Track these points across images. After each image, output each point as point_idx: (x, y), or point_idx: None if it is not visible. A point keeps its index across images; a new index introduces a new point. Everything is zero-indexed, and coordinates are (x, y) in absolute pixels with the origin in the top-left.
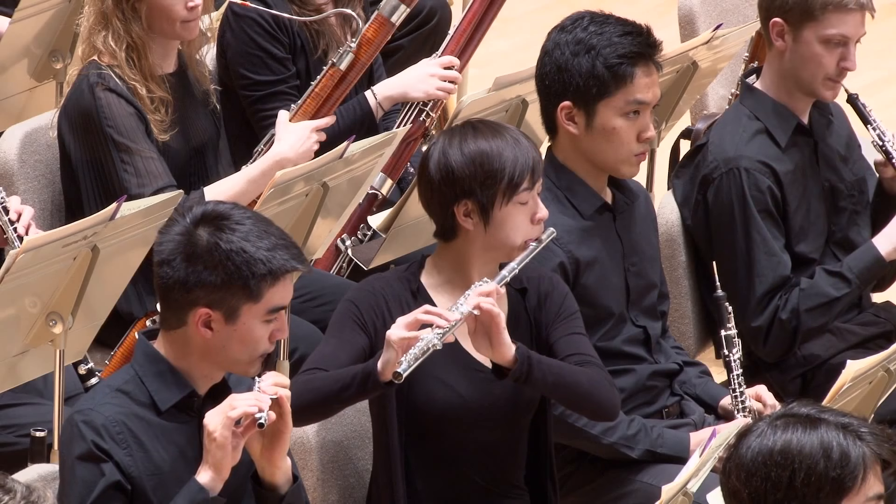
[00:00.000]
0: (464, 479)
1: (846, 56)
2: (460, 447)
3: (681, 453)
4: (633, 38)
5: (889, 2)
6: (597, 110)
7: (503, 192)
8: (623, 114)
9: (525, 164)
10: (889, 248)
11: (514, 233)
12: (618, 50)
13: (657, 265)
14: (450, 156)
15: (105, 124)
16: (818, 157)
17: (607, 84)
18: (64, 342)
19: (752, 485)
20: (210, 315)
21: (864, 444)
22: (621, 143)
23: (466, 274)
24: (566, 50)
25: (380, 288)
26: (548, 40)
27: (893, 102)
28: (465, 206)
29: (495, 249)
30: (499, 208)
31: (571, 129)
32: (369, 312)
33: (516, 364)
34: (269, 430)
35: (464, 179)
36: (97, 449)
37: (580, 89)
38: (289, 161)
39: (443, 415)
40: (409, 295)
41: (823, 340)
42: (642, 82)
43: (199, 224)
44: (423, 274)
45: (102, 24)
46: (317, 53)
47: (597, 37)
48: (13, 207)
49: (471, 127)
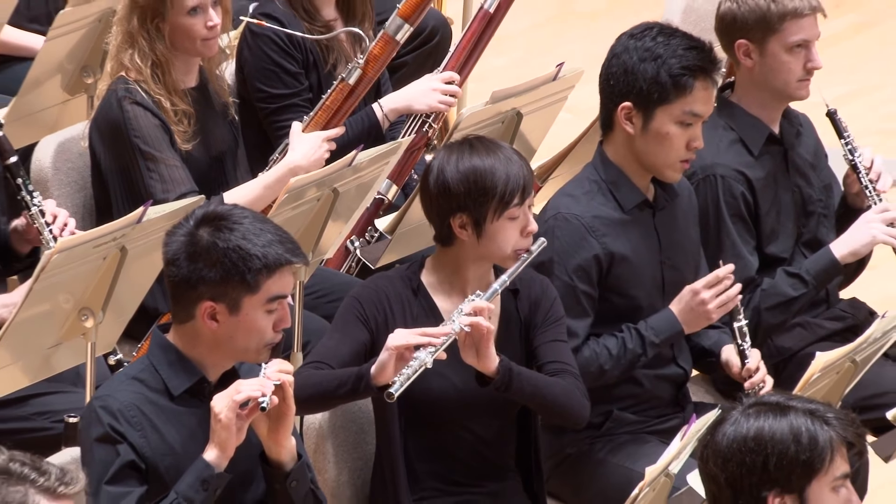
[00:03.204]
0: (459, 462)
1: (810, 57)
2: (456, 434)
3: (674, 327)
4: (697, 53)
5: (855, 21)
6: (654, 114)
7: (495, 208)
8: (678, 121)
9: (516, 183)
10: (844, 253)
11: (505, 244)
12: (682, 61)
13: (695, 260)
14: (446, 172)
15: (132, 135)
16: (788, 164)
17: (668, 91)
18: (95, 335)
19: (729, 469)
20: (214, 308)
21: (831, 428)
22: (672, 148)
23: (462, 276)
24: (634, 55)
25: (382, 286)
26: (617, 43)
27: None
28: (460, 218)
29: (488, 258)
30: (490, 222)
31: (628, 128)
32: (371, 308)
33: (498, 375)
34: (274, 412)
35: (458, 195)
36: (113, 431)
37: (643, 93)
38: (302, 168)
39: (439, 405)
40: (409, 293)
41: (794, 334)
42: (700, 95)
43: (201, 225)
44: (423, 273)
45: (129, 43)
46: (327, 69)
47: (664, 47)
48: (49, 210)
49: (468, 144)
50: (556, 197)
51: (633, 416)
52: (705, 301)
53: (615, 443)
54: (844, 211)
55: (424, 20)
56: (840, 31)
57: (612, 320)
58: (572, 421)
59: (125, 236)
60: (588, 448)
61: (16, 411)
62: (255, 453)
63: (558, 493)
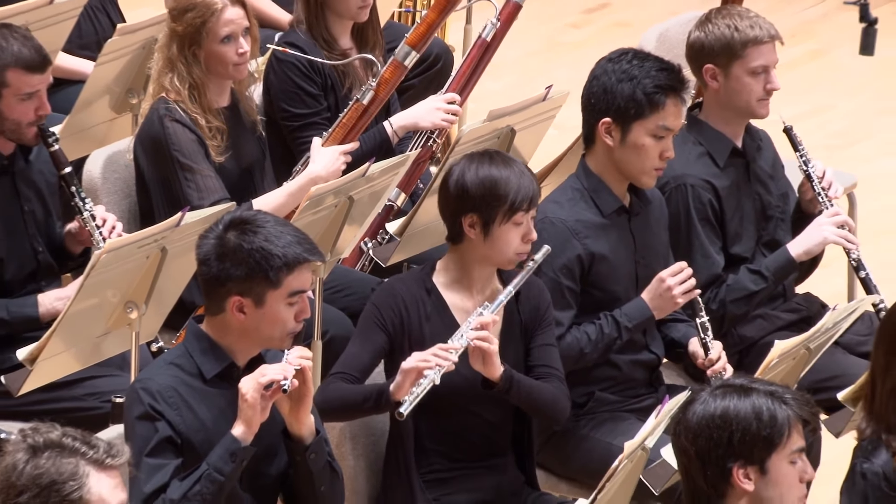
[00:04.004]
0: (465, 442)
1: (769, 80)
2: (462, 418)
3: (644, 313)
4: (668, 74)
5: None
6: (632, 128)
7: (503, 213)
8: (652, 134)
9: (525, 194)
10: (799, 252)
11: (507, 247)
12: (655, 81)
13: (665, 260)
14: (466, 176)
15: (172, 149)
16: (750, 174)
17: (643, 108)
18: (139, 325)
19: (698, 444)
20: (242, 302)
21: (788, 407)
22: (647, 158)
23: (469, 275)
24: (612, 76)
25: (398, 289)
26: (597, 67)
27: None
28: (470, 218)
29: (490, 258)
30: (497, 225)
31: (608, 141)
32: (388, 312)
33: (501, 382)
34: (295, 393)
35: (474, 197)
36: (152, 410)
37: (621, 109)
38: (321, 179)
39: (451, 393)
40: (424, 293)
41: (755, 324)
42: (671, 110)
43: (228, 229)
44: (435, 274)
45: (169, 68)
46: (344, 91)
47: (638, 69)
48: (99, 215)
49: (488, 156)
50: (543, 203)
51: (613, 396)
52: (671, 287)
53: (597, 420)
54: (799, 216)
55: (429, 48)
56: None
57: (593, 311)
58: (554, 421)
59: (165, 238)
60: (573, 425)
61: (69, 392)
62: (278, 429)
63: (547, 466)
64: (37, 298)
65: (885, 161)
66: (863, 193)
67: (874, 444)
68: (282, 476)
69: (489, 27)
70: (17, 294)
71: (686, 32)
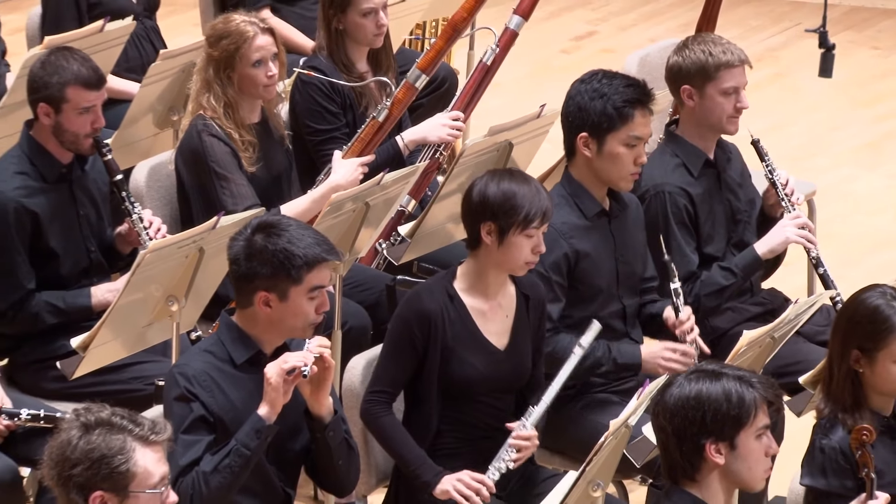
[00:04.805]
0: (472, 424)
1: (739, 99)
2: (473, 406)
3: (635, 360)
4: (634, 89)
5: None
6: (606, 140)
7: (518, 224)
8: (625, 144)
9: (539, 209)
10: (764, 251)
11: (518, 256)
12: (623, 97)
13: (643, 257)
14: (489, 187)
15: (209, 160)
16: (721, 183)
17: (615, 121)
18: (179, 317)
19: (675, 423)
20: (268, 297)
21: (755, 390)
22: (622, 165)
23: (485, 280)
24: (585, 95)
25: (426, 302)
26: (571, 88)
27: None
28: (488, 226)
29: (503, 264)
30: (512, 235)
31: (587, 153)
32: (417, 329)
33: None
34: (315, 378)
35: (493, 206)
36: (188, 392)
37: (595, 124)
38: (341, 187)
39: (468, 385)
40: (447, 299)
41: (726, 316)
42: (640, 121)
43: (256, 232)
44: (456, 280)
45: (206, 88)
46: (361, 109)
47: (608, 87)
48: (146, 217)
49: (509, 173)
50: None
51: (600, 380)
52: (665, 358)
53: (586, 401)
54: (763, 219)
55: (437, 71)
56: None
57: (578, 302)
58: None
59: (203, 239)
60: (563, 405)
61: (116, 376)
62: (301, 410)
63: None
64: (90, 290)
65: (840, 171)
66: (821, 200)
67: (831, 423)
68: (304, 451)
69: (489, 53)
70: (72, 288)
71: (665, 57)
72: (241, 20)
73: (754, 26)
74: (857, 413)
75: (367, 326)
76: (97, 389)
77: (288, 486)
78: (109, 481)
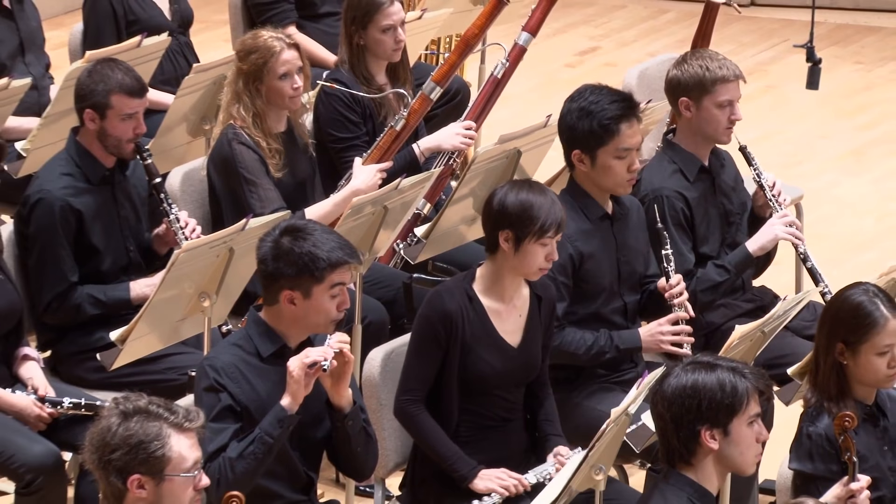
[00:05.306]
0: (485, 416)
1: (733, 111)
2: (487, 398)
3: (635, 343)
4: (619, 104)
5: (762, 85)
6: (597, 155)
7: (534, 233)
8: (616, 156)
9: (554, 219)
10: (755, 248)
11: (533, 262)
12: (607, 114)
13: (644, 256)
14: (508, 197)
15: (238, 167)
16: (715, 188)
17: (602, 137)
18: (211, 312)
19: (672, 411)
20: (292, 295)
21: (747, 380)
22: (617, 175)
23: (501, 282)
24: (574, 115)
25: (447, 303)
26: (563, 107)
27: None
28: (506, 233)
29: (518, 269)
30: (527, 243)
31: (582, 167)
32: (440, 329)
33: None
34: (335, 372)
35: (511, 215)
36: (216, 383)
37: (584, 142)
38: (361, 192)
39: (485, 380)
40: (467, 300)
41: (719, 311)
42: (627, 133)
43: (283, 235)
44: (474, 283)
45: (236, 100)
46: (380, 119)
47: (594, 104)
48: (182, 218)
49: (528, 184)
50: None
51: (601, 370)
52: (663, 333)
53: (588, 390)
54: (753, 219)
55: (451, 83)
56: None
57: (582, 300)
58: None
59: (233, 240)
60: (568, 395)
61: (153, 367)
62: (323, 400)
63: None
64: (128, 284)
65: (826, 177)
66: (808, 204)
67: (818, 411)
68: (326, 438)
69: (500, 67)
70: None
71: (663, 71)
72: (268, 36)
73: (746, 42)
74: (841, 402)
75: (385, 321)
76: (134, 379)
77: (311, 470)
78: (146, 465)
